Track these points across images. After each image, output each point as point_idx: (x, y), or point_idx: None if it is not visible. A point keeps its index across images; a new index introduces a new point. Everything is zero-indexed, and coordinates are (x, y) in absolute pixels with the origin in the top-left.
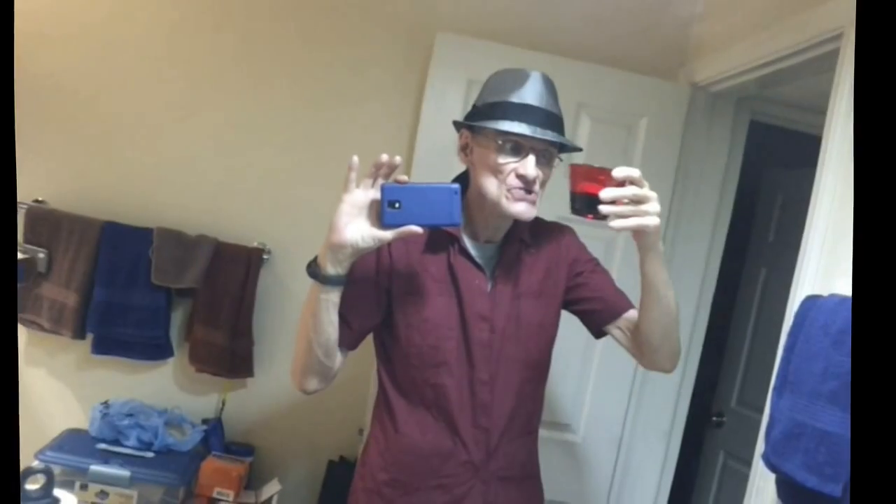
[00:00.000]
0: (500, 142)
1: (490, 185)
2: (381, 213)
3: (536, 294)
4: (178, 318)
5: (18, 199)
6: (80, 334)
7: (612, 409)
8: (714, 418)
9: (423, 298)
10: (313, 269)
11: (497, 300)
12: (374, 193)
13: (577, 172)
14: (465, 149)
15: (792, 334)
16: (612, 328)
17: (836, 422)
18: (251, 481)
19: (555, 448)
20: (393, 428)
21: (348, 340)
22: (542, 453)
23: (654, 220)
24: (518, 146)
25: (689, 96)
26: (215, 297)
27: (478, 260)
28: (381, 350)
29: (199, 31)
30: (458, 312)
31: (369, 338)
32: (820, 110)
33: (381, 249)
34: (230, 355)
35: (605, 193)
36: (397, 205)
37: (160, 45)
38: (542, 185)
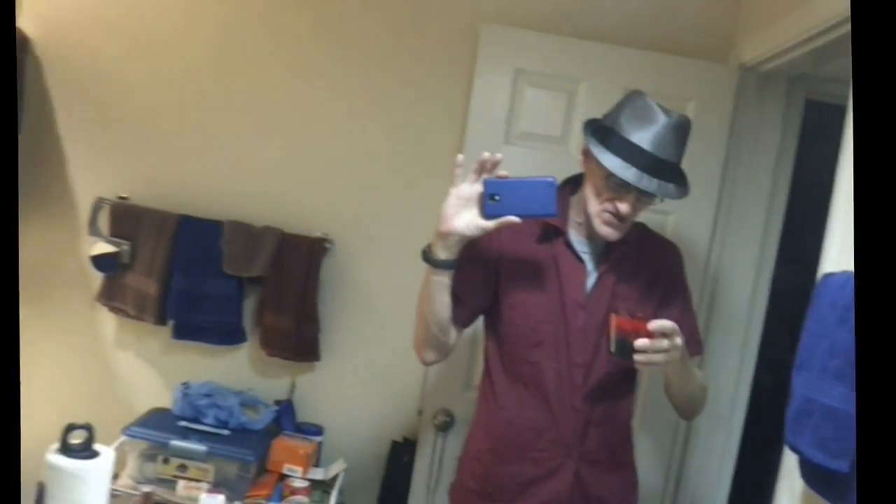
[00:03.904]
0: (607, 175)
1: (590, 201)
2: (482, 205)
3: (635, 298)
4: (249, 305)
5: (104, 196)
6: (161, 320)
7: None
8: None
9: (526, 283)
10: (426, 255)
11: (595, 293)
12: (479, 187)
13: (620, 323)
14: (585, 154)
15: (808, 313)
16: None
17: (841, 398)
18: (319, 459)
19: None
20: (494, 401)
21: (462, 318)
22: None
23: (672, 358)
24: (623, 182)
25: (736, 77)
26: (282, 285)
27: (581, 254)
28: (491, 329)
29: (260, 31)
30: (558, 299)
31: None
32: None
33: (493, 237)
34: (298, 340)
35: (640, 343)
36: (497, 197)
37: (226, 46)
38: (638, 212)
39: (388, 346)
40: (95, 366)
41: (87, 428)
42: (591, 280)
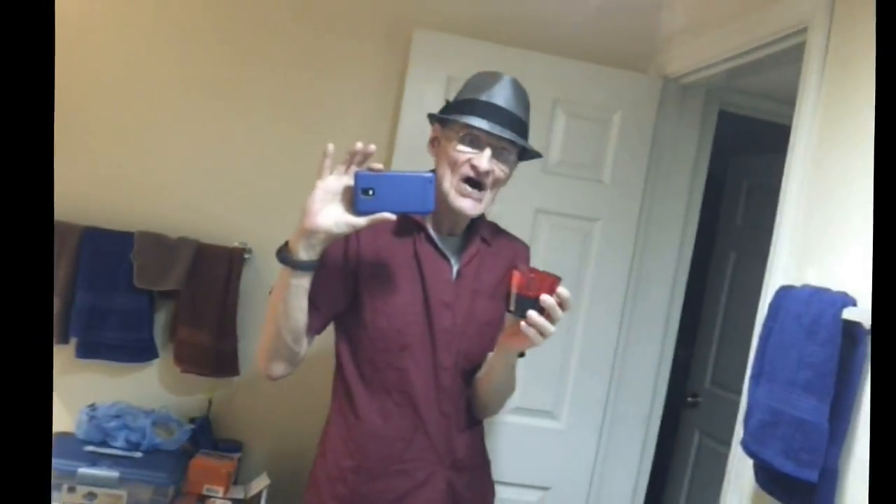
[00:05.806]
0: (461, 133)
1: (444, 177)
2: (354, 200)
3: (491, 294)
4: (161, 319)
5: None
6: (63, 339)
7: (594, 395)
8: (689, 399)
9: (389, 284)
10: (284, 255)
11: (459, 290)
12: (348, 180)
13: (521, 280)
14: (433, 141)
15: (766, 324)
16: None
17: (811, 410)
18: (240, 477)
19: (538, 435)
20: (353, 414)
21: (316, 325)
22: (527, 440)
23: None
24: (477, 140)
25: (660, 88)
26: (198, 297)
27: (442, 250)
28: (344, 334)
29: (173, 32)
30: (423, 298)
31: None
32: (785, 99)
33: (349, 235)
34: (215, 355)
35: (546, 300)
36: (371, 192)
37: (134, 50)
38: (496, 184)
39: (310, 357)
40: None
41: None
42: (452, 277)
